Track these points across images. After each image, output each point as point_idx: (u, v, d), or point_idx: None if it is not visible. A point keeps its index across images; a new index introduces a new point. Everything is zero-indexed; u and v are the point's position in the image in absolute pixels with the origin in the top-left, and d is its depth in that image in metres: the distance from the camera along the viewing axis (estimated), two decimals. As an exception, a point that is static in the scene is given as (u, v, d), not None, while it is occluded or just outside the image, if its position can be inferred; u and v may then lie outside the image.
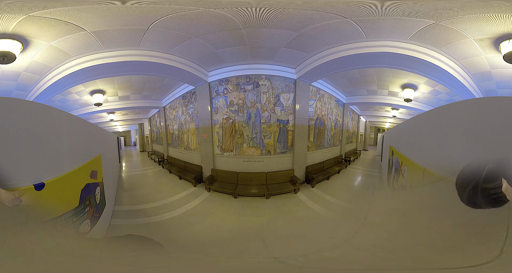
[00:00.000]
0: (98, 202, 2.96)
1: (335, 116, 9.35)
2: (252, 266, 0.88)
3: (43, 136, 1.72)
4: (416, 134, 2.84)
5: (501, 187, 0.72)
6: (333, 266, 0.84)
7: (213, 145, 6.83)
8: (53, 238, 1.04)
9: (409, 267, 0.76)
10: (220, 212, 4.65)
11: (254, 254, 1.01)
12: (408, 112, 10.04)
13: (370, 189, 6.38)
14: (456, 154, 1.63)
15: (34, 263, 0.79)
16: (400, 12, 3.08)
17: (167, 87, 8.30)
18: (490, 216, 0.80)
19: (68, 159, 2.14)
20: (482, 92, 5.22)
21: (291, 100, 6.43)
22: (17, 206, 1.16)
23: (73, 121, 2.40)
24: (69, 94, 6.80)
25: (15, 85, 4.87)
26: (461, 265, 0.71)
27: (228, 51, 4.83)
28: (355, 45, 4.21)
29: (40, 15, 2.98)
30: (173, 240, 3.43)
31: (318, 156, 8.03)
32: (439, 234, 0.89)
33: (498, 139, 1.21)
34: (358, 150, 14.44)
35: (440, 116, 2.07)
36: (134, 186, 6.95)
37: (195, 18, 3.37)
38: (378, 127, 21.74)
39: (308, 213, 4.54)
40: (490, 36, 3.48)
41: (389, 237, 0.96)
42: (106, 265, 0.85)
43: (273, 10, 3.15)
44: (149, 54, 4.49)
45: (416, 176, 2.44)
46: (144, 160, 13.06)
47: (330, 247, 0.98)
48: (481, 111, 1.42)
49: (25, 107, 1.58)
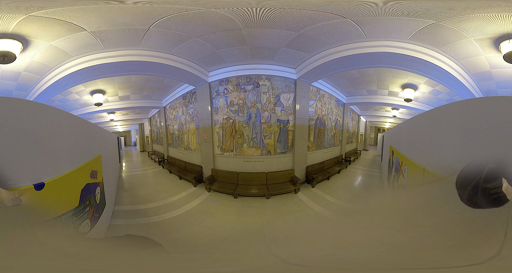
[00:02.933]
0: (98, 202, 2.96)
1: (335, 116, 9.35)
2: (254, 265, 0.88)
3: (43, 136, 1.71)
4: (416, 134, 2.84)
5: (501, 186, 0.72)
6: (335, 266, 0.84)
7: (213, 145, 6.83)
8: (53, 238, 1.04)
9: (409, 266, 0.76)
10: (220, 212, 4.65)
11: (255, 253, 1.01)
12: (408, 112, 10.04)
13: (370, 189, 6.37)
14: (456, 154, 1.63)
15: (34, 263, 0.79)
16: (400, 12, 3.08)
17: (167, 87, 8.30)
18: (489, 216, 0.80)
19: (68, 159, 2.14)
20: (482, 92, 5.21)
21: (291, 100, 6.43)
22: (17, 206, 1.16)
23: (73, 121, 2.40)
24: (69, 94, 6.80)
25: (15, 85, 4.88)
26: (460, 265, 0.71)
27: (228, 51, 4.83)
28: (355, 45, 4.21)
29: (40, 15, 2.98)
30: (173, 240, 3.43)
31: (318, 156, 8.03)
32: (439, 234, 0.89)
33: (498, 139, 1.21)
34: (358, 150, 14.45)
35: (440, 116, 2.06)
36: (134, 186, 6.95)
37: (196, 18, 3.37)
38: (378, 127, 21.75)
39: (309, 213, 4.54)
40: (490, 36, 3.48)
41: (390, 237, 0.96)
42: (106, 265, 0.85)
43: (273, 10, 3.14)
44: (149, 54, 4.49)
45: (416, 176, 2.44)
46: (144, 160, 13.07)
47: (331, 246, 0.98)
48: (481, 111, 1.41)
49: (25, 107, 1.57)
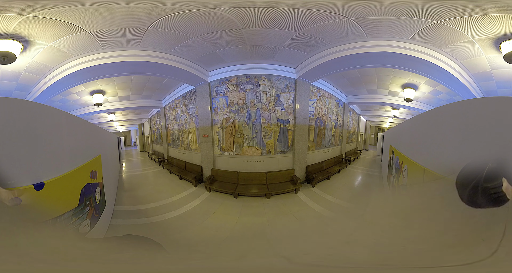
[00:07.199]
0: (98, 202, 2.96)
1: (336, 115, 9.35)
2: (255, 264, 0.88)
3: (43, 136, 1.71)
4: (417, 133, 2.84)
5: (501, 186, 0.72)
6: (337, 264, 0.84)
7: (213, 145, 6.83)
8: (52, 238, 1.04)
9: (409, 265, 0.76)
10: (220, 212, 4.65)
11: (256, 253, 1.01)
12: (409, 112, 10.03)
13: (370, 189, 6.37)
14: (456, 153, 1.63)
15: (34, 263, 0.79)
16: (401, 12, 3.08)
17: (167, 87, 8.29)
18: (489, 215, 0.80)
19: (68, 159, 2.14)
20: (483, 92, 5.21)
21: (291, 100, 6.42)
22: (17, 205, 1.16)
23: (73, 121, 2.40)
24: (69, 94, 6.80)
25: (15, 85, 4.88)
26: (458, 263, 0.71)
27: (228, 51, 4.83)
28: (356, 44, 4.21)
29: (40, 16, 2.98)
30: (173, 240, 3.43)
31: (319, 156, 8.03)
32: (438, 233, 0.89)
33: (498, 139, 1.20)
34: (358, 150, 14.44)
35: (441, 116, 2.06)
36: (135, 186, 6.95)
37: (195, 18, 3.37)
38: (378, 127, 21.72)
39: (309, 213, 4.54)
40: (491, 37, 3.47)
41: (390, 236, 0.96)
42: (106, 265, 0.85)
43: (273, 9, 3.14)
44: (149, 54, 4.49)
45: (416, 176, 2.44)
46: (144, 160, 13.07)
47: (331, 246, 0.98)
48: (481, 111, 1.41)
49: (25, 107, 1.58)
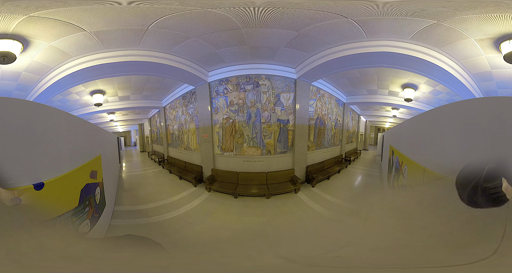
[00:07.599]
0: (98, 202, 2.95)
1: (335, 115, 9.35)
2: (255, 264, 0.88)
3: (43, 136, 1.71)
4: (417, 133, 2.84)
5: (501, 186, 0.72)
6: (338, 265, 0.84)
7: (213, 145, 6.83)
8: (52, 238, 1.04)
9: (409, 265, 0.76)
10: (220, 212, 4.65)
11: (256, 252, 1.01)
12: (409, 112, 10.03)
13: (370, 189, 6.37)
14: (456, 153, 1.63)
15: (34, 263, 0.79)
16: (401, 12, 3.08)
17: (167, 87, 8.30)
18: (489, 215, 0.80)
19: (68, 159, 2.14)
20: (483, 92, 5.21)
21: (291, 100, 6.42)
22: (17, 205, 1.16)
23: (73, 121, 2.40)
24: (69, 94, 6.80)
25: (15, 85, 4.88)
26: (459, 263, 0.71)
27: (228, 51, 4.83)
28: (356, 44, 4.21)
29: (41, 16, 2.98)
30: (173, 240, 3.43)
31: (319, 156, 8.03)
32: (438, 233, 0.89)
33: (498, 139, 1.20)
34: (358, 150, 14.44)
35: (441, 116, 2.06)
36: (135, 186, 6.95)
37: (195, 18, 3.37)
38: (378, 126, 21.72)
39: (309, 213, 4.54)
40: (491, 36, 3.47)
41: (390, 236, 0.96)
42: (105, 265, 0.85)
43: (273, 9, 3.14)
44: (148, 54, 4.49)
45: (416, 176, 2.44)
46: (144, 160, 13.07)
47: (331, 246, 0.98)
48: (481, 111, 1.41)
49: (25, 107, 1.57)
